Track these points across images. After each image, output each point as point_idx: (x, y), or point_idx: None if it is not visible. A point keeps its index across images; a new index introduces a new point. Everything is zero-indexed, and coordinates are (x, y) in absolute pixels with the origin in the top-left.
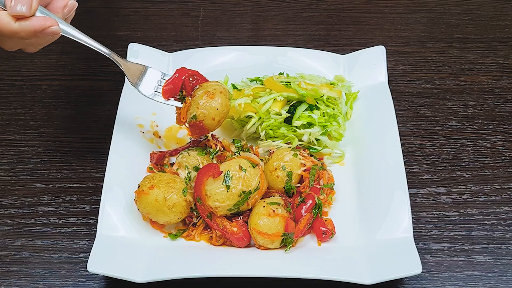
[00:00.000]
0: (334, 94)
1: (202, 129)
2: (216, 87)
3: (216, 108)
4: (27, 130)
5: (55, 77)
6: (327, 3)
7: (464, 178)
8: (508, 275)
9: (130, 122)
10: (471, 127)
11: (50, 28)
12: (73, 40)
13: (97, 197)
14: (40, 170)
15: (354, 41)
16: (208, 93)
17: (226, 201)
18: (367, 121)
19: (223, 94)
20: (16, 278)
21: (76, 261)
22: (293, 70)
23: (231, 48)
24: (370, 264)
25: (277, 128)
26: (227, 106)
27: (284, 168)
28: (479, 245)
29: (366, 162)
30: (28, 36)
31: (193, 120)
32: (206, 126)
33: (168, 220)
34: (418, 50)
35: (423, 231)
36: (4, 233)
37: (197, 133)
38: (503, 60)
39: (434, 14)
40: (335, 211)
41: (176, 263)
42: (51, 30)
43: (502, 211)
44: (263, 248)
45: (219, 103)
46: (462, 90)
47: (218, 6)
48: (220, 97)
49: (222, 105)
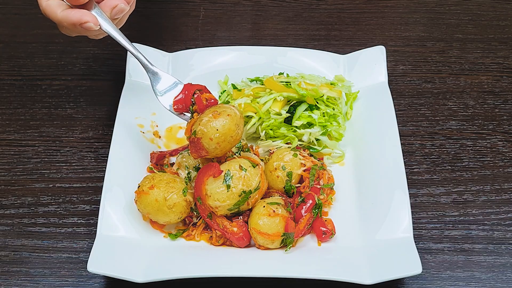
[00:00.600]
0: (334, 94)
1: (200, 149)
2: (226, 109)
3: (215, 128)
4: (27, 130)
5: (55, 77)
6: (327, 3)
7: (464, 178)
8: (508, 275)
9: (130, 122)
10: (471, 127)
11: (87, 24)
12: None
13: (97, 197)
14: (40, 170)
15: (354, 41)
16: (215, 112)
17: (226, 201)
18: (367, 121)
19: (230, 118)
20: (16, 278)
21: (76, 261)
22: (293, 70)
23: (231, 48)
24: (370, 264)
25: (277, 128)
26: (230, 130)
27: (284, 168)
28: (479, 245)
29: (366, 162)
30: (69, 26)
31: (192, 136)
32: (203, 145)
33: (168, 220)
34: (418, 50)
35: (423, 231)
36: (4, 233)
37: (195, 152)
38: (503, 60)
39: (434, 14)
40: (335, 211)
41: (176, 263)
42: (87, 26)
43: (502, 211)
44: (263, 248)
45: (221, 125)
46: (462, 90)
47: (218, 6)
48: (225, 119)
49: (224, 128)
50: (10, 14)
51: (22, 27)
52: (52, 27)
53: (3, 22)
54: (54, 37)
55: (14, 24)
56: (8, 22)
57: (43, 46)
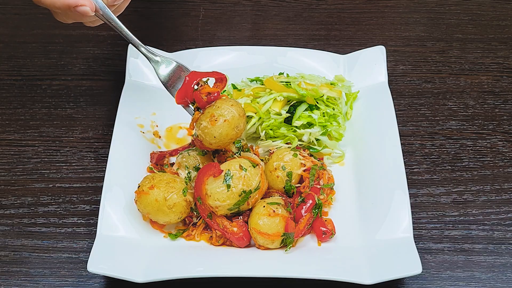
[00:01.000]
0: (334, 94)
1: (203, 146)
2: (224, 111)
3: (213, 136)
4: (27, 130)
5: (55, 77)
6: (327, 3)
7: (464, 178)
8: (508, 275)
9: (130, 122)
10: (471, 127)
11: (83, 8)
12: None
13: (97, 197)
14: (40, 170)
15: (354, 41)
16: (212, 118)
17: (226, 200)
18: (367, 121)
19: (227, 123)
20: (16, 278)
21: (76, 261)
22: (293, 70)
23: (231, 48)
24: (370, 264)
25: (277, 128)
26: (228, 136)
27: (284, 168)
28: (479, 245)
29: (366, 162)
30: (63, 8)
31: (194, 137)
32: (206, 145)
33: (168, 220)
34: (418, 50)
35: (423, 231)
36: (4, 233)
37: (199, 147)
38: (503, 60)
39: (434, 14)
40: (335, 211)
41: (176, 263)
42: (83, 10)
43: (502, 211)
44: (263, 248)
45: (219, 133)
46: (462, 90)
47: (218, 6)
48: (221, 126)
49: (221, 135)
50: (10, 14)
51: (22, 27)
52: (52, 27)
53: (3, 22)
54: (54, 37)
55: (14, 24)
56: (8, 22)
57: (43, 46)
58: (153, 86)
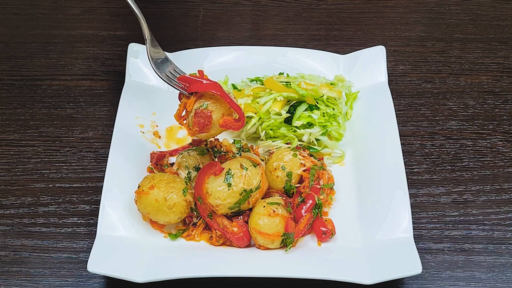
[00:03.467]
0: (334, 94)
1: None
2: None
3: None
4: (27, 130)
5: (55, 77)
6: (327, 3)
7: (464, 178)
8: (508, 275)
9: (130, 122)
10: (471, 127)
11: None
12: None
13: (97, 197)
14: (40, 170)
15: (354, 41)
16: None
17: (227, 199)
18: (367, 121)
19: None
20: (16, 278)
21: (76, 261)
22: (293, 70)
23: (231, 48)
24: (370, 264)
25: (277, 128)
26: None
27: (284, 168)
28: (479, 245)
29: (366, 162)
30: None
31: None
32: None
33: (168, 220)
34: (418, 50)
35: (423, 231)
36: (4, 233)
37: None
38: (503, 60)
39: (434, 14)
40: (335, 211)
41: (176, 263)
42: None
43: (502, 211)
44: (263, 248)
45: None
46: (462, 90)
47: (218, 6)
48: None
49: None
50: (10, 14)
51: (21, 27)
52: (52, 27)
53: (3, 22)
54: (53, 37)
55: (14, 24)
56: (8, 22)
57: (42, 46)
58: (153, 86)
